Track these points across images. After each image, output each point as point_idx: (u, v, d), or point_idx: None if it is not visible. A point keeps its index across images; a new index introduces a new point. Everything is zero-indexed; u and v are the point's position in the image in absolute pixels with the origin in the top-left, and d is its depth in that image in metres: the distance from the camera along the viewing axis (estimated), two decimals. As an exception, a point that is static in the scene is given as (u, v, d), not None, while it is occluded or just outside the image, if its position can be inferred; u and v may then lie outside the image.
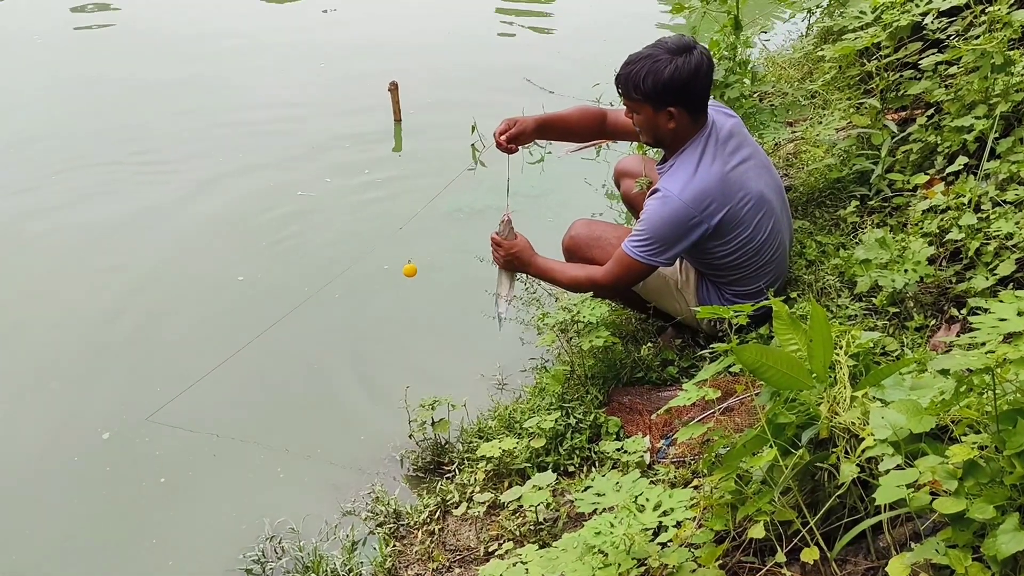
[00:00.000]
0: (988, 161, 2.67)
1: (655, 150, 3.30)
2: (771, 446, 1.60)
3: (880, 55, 3.37)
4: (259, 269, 3.90)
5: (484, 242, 3.13)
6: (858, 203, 3.12)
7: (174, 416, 3.09)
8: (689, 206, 2.56)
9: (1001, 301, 1.43)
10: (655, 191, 2.65)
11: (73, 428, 3.06)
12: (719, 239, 2.64)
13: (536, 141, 4.81)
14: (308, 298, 3.57)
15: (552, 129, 3.05)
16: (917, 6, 3.14)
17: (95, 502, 2.80)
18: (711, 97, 2.67)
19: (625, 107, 2.69)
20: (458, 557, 2.38)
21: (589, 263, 2.87)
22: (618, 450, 2.40)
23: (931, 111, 3.10)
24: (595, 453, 2.54)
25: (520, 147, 2.99)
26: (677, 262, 2.86)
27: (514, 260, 2.88)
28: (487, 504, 2.47)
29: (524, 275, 3.06)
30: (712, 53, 3.36)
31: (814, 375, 1.63)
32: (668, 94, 2.53)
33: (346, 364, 3.36)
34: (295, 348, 3.43)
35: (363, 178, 4.69)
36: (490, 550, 2.33)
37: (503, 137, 2.89)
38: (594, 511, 1.70)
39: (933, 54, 3.14)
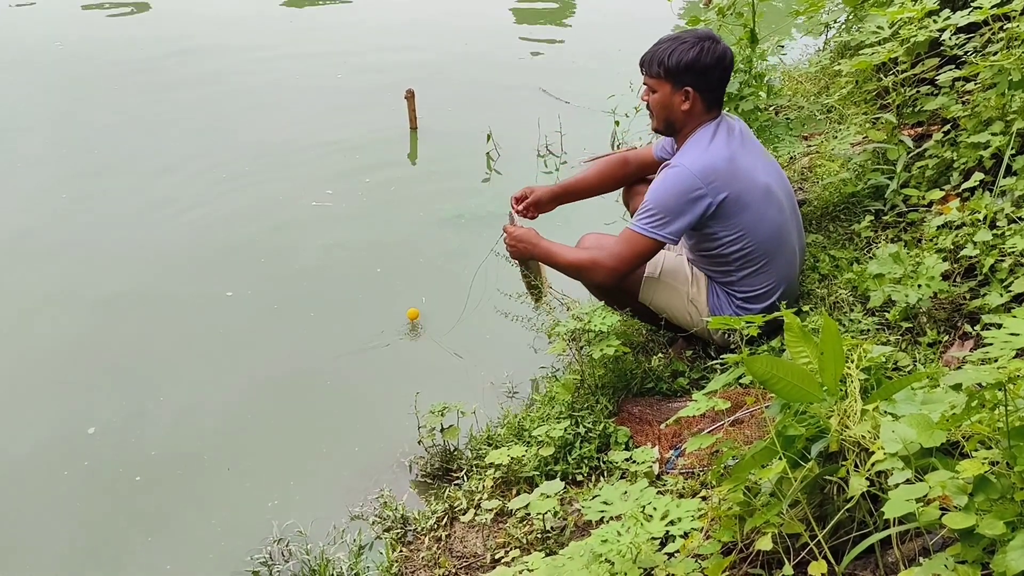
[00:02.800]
0: (1004, 178, 2.66)
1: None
2: (780, 458, 1.59)
3: (897, 70, 3.36)
4: (264, 277, 3.91)
5: (486, 248, 3.15)
6: (872, 218, 3.11)
7: (182, 417, 3.11)
8: (696, 176, 2.61)
9: (1015, 317, 1.42)
10: (664, 166, 2.74)
11: (67, 426, 3.07)
12: (723, 221, 2.66)
13: (551, 151, 4.92)
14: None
15: (572, 194, 3.17)
16: (935, 22, 3.14)
17: (96, 502, 2.80)
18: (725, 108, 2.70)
19: (644, 87, 2.78)
20: (464, 564, 2.38)
21: None
22: (627, 460, 2.39)
23: (947, 127, 3.09)
24: (604, 463, 2.54)
25: (540, 213, 3.12)
26: (687, 268, 2.86)
27: (519, 244, 2.91)
28: (495, 511, 2.46)
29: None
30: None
31: (825, 388, 1.62)
32: (689, 74, 2.65)
33: (356, 369, 3.37)
34: (305, 352, 3.45)
35: (378, 186, 4.70)
36: (497, 557, 2.32)
37: (520, 206, 3.04)
38: (601, 520, 1.70)
39: (950, 70, 3.13)
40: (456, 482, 2.72)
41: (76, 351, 3.44)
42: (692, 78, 2.66)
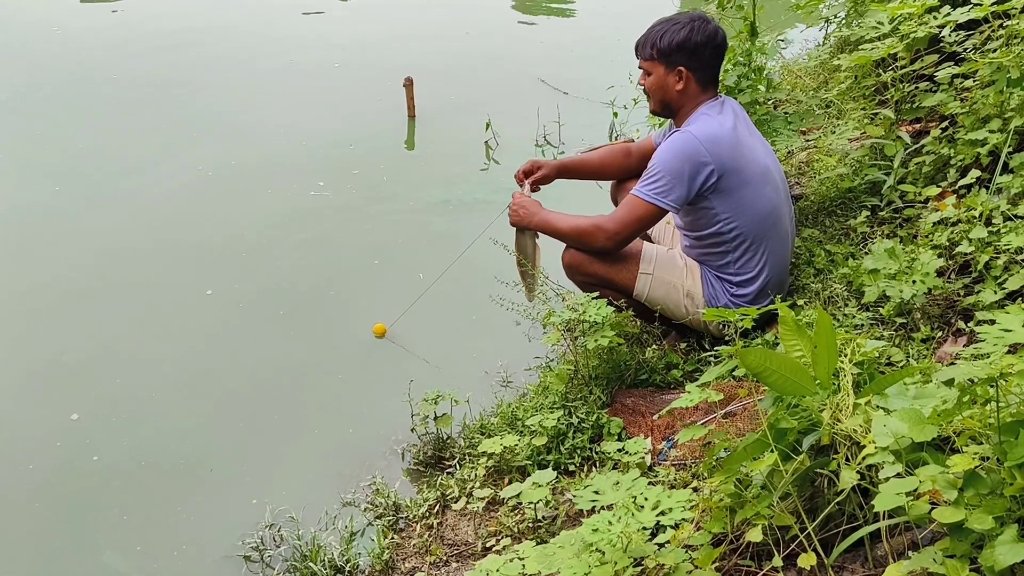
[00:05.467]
0: (1001, 175, 2.66)
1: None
2: (772, 451, 1.60)
3: (896, 66, 3.36)
4: (258, 270, 3.88)
5: (472, 234, 3.16)
6: (869, 213, 3.11)
7: (171, 406, 3.10)
8: (702, 143, 2.65)
9: (1008, 313, 1.43)
10: (671, 133, 2.81)
11: (49, 413, 3.06)
12: (723, 196, 2.70)
13: (549, 142, 4.92)
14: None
15: (575, 171, 3.23)
16: (935, 18, 3.13)
17: (87, 486, 2.80)
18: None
19: (640, 71, 2.84)
20: (456, 552, 2.39)
21: (594, 279, 2.86)
22: (619, 451, 2.40)
23: (945, 124, 3.09)
24: (596, 453, 2.55)
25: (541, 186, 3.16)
26: (680, 261, 2.88)
27: (520, 210, 2.95)
28: (486, 500, 2.47)
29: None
30: (727, 59, 3.37)
31: (818, 381, 1.63)
32: (682, 54, 2.71)
33: (350, 356, 3.37)
34: (299, 338, 3.45)
35: (374, 174, 4.68)
36: (488, 545, 2.33)
37: (528, 179, 3.08)
38: (593, 509, 1.70)
39: (949, 67, 3.13)
40: (448, 470, 2.72)
41: (61, 343, 3.41)
42: (684, 58, 2.71)
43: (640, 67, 2.83)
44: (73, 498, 2.75)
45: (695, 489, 2.00)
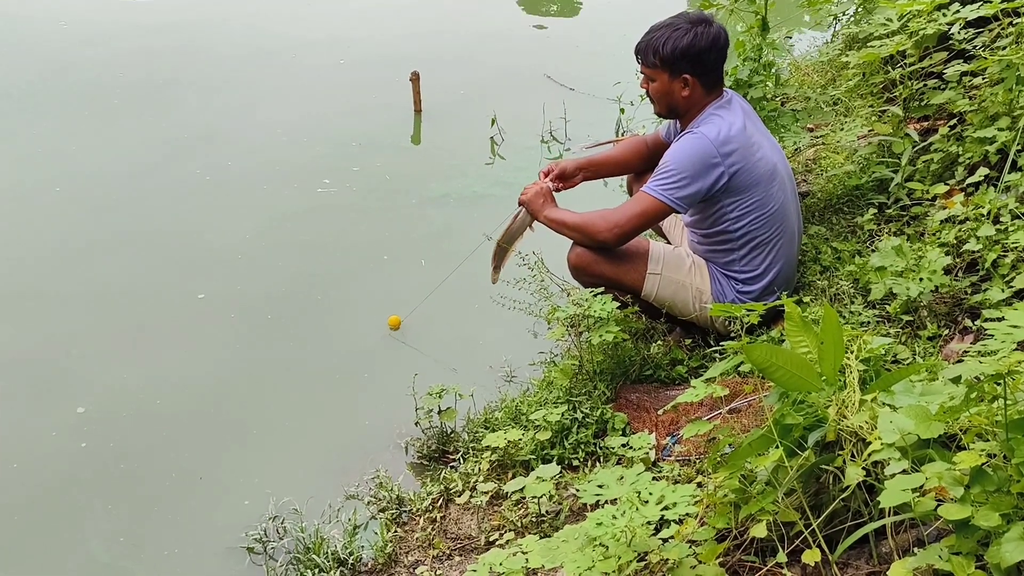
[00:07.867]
0: (1009, 173, 2.65)
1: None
2: (777, 447, 1.59)
3: (905, 63, 3.35)
4: (262, 268, 3.86)
5: (472, 230, 3.16)
6: (876, 211, 3.10)
7: (173, 399, 3.11)
8: (713, 143, 2.65)
9: (1016, 309, 1.42)
10: (682, 134, 2.79)
11: (56, 404, 3.06)
12: (733, 195, 2.70)
13: (555, 138, 4.91)
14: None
15: (596, 168, 3.20)
16: (944, 15, 3.12)
17: (89, 477, 2.80)
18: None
19: (642, 76, 2.82)
20: (459, 545, 2.39)
21: (601, 280, 2.85)
22: (623, 446, 2.39)
23: (954, 121, 3.08)
24: (600, 448, 2.54)
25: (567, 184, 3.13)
26: (687, 258, 2.87)
27: (536, 198, 2.94)
28: (490, 494, 2.47)
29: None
30: (738, 54, 3.36)
31: (824, 378, 1.62)
32: (685, 61, 2.69)
33: (354, 351, 3.36)
34: (304, 332, 3.45)
35: (380, 169, 4.67)
36: (491, 539, 2.33)
37: (547, 180, 3.05)
38: (597, 503, 1.70)
39: (958, 64, 3.12)
40: (452, 464, 2.72)
41: (65, 342, 3.39)
42: (689, 64, 2.69)
43: (642, 72, 2.81)
44: (75, 496, 2.75)
45: (699, 484, 1.99)
